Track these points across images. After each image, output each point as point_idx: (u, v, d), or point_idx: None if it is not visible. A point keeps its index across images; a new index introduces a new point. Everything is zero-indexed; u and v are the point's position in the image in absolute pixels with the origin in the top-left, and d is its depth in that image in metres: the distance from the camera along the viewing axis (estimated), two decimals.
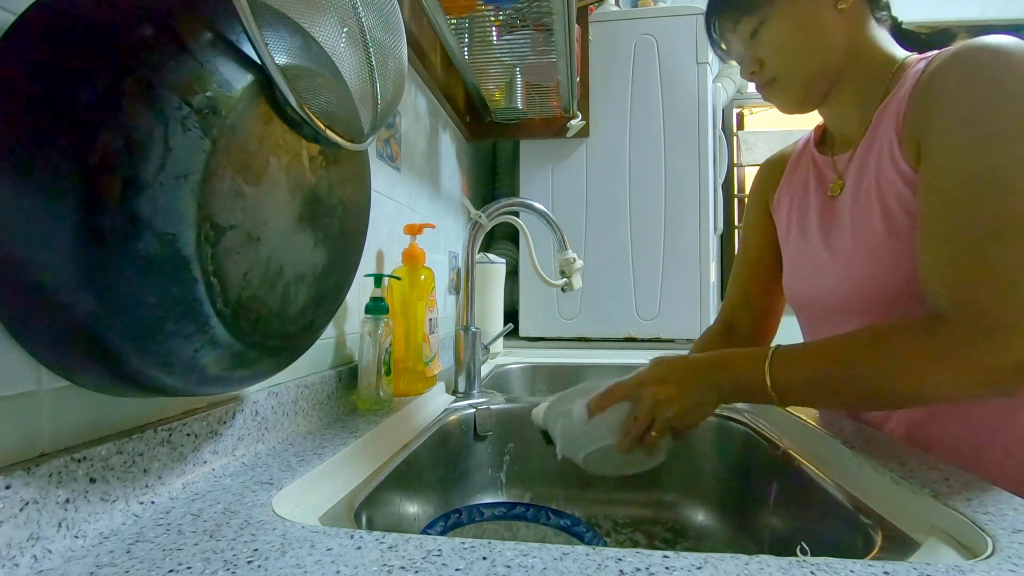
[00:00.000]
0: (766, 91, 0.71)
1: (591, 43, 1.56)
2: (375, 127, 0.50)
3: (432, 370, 0.90)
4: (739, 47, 0.71)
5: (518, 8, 1.06)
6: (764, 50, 0.68)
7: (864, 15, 0.66)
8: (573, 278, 1.04)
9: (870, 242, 0.63)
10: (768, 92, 0.71)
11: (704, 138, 1.56)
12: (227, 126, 0.36)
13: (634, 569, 0.33)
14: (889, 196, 0.61)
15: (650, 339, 1.57)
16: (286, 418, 0.62)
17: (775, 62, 0.68)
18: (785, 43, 0.66)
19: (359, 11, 0.46)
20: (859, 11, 0.66)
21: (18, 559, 0.33)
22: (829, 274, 0.69)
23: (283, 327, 0.44)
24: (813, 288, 0.73)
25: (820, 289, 0.71)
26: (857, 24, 0.66)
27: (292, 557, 0.35)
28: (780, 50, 0.67)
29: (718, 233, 1.93)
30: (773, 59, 0.68)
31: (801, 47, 0.66)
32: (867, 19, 0.66)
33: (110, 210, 0.30)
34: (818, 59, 0.66)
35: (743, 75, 0.72)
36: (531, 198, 1.11)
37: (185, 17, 0.35)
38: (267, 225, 0.40)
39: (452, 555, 0.35)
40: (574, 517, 0.64)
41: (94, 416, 0.40)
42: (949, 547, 0.39)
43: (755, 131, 2.58)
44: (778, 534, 0.63)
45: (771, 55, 0.67)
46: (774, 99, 0.71)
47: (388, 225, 0.96)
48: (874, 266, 0.62)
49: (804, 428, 0.67)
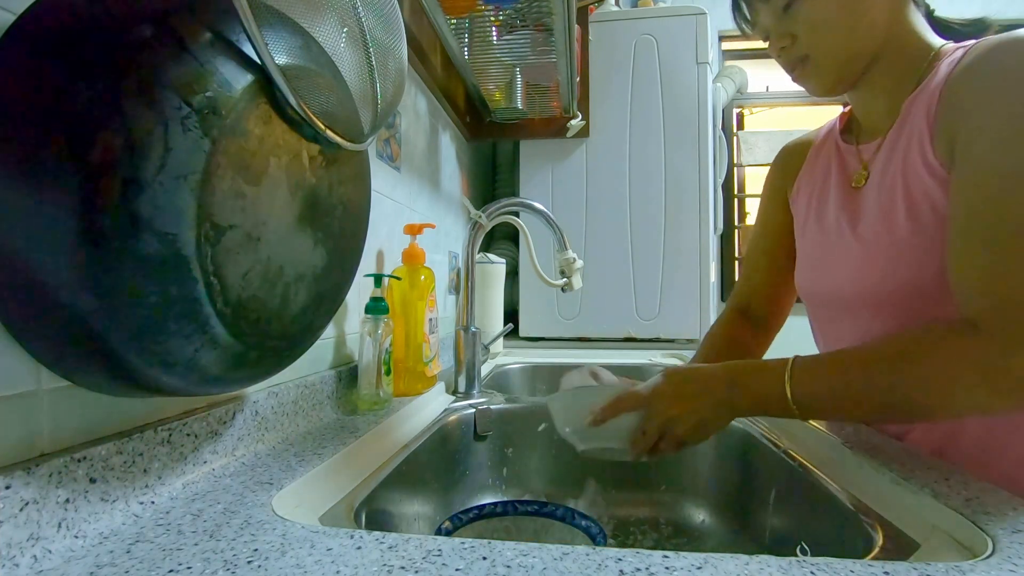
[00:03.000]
0: (796, 70, 0.66)
1: (591, 43, 1.56)
2: (375, 127, 0.50)
3: (432, 370, 0.90)
4: (769, 19, 0.65)
5: (518, 8, 1.06)
6: (799, 24, 0.62)
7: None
8: (573, 278, 1.04)
9: (893, 237, 0.60)
10: (798, 71, 0.66)
11: (704, 138, 1.56)
12: (227, 126, 0.36)
13: (634, 569, 0.33)
14: (916, 191, 0.58)
15: (650, 339, 1.57)
16: (286, 418, 0.62)
17: (810, 38, 0.62)
18: (824, 19, 0.61)
19: (359, 11, 0.46)
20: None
21: (18, 559, 0.33)
22: (845, 268, 0.67)
23: (283, 327, 0.44)
24: (828, 281, 0.70)
25: (835, 283, 0.69)
26: (899, 6, 0.62)
27: (292, 557, 0.35)
28: (817, 26, 0.62)
29: (718, 233, 1.93)
30: (808, 35, 0.62)
31: (841, 24, 0.61)
32: (908, 2, 0.63)
33: (110, 210, 0.30)
34: (858, 39, 0.62)
35: (771, 51, 0.67)
36: (531, 198, 1.11)
37: (185, 17, 0.35)
38: (267, 225, 0.40)
39: (452, 555, 0.35)
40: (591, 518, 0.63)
41: (94, 416, 0.40)
42: (949, 547, 0.39)
43: (755, 131, 2.59)
44: (778, 534, 0.63)
45: (806, 30, 0.62)
46: (804, 79, 0.66)
47: (388, 225, 0.96)
48: (895, 262, 0.60)
49: (804, 428, 0.67)
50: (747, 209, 2.60)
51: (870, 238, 0.63)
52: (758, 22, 0.67)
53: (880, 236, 0.62)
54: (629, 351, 1.49)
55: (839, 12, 0.61)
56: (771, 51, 0.67)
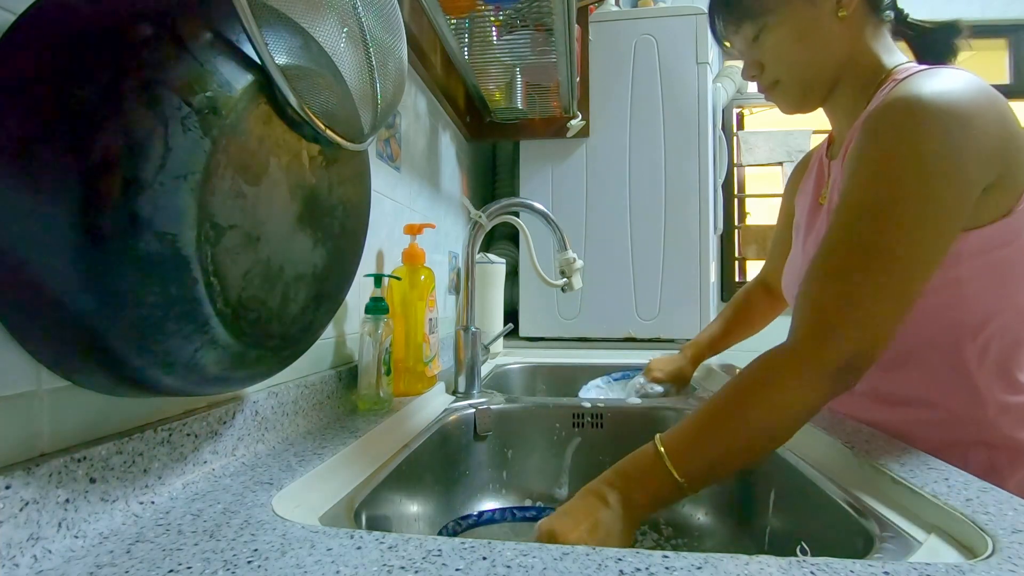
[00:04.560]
0: (768, 93, 0.73)
1: (591, 43, 1.56)
2: (375, 127, 0.50)
3: (432, 370, 0.90)
4: (741, 47, 0.72)
5: (518, 8, 1.06)
6: (765, 55, 0.69)
7: (864, 22, 0.66)
8: (573, 278, 1.04)
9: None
10: (770, 94, 0.73)
11: (704, 138, 1.56)
12: (227, 126, 0.36)
13: (634, 569, 0.33)
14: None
15: (650, 339, 1.57)
16: (286, 418, 0.62)
17: (775, 67, 0.69)
18: (785, 50, 0.68)
19: (359, 11, 0.46)
20: (860, 18, 0.66)
21: (18, 559, 0.33)
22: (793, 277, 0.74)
23: (283, 327, 0.44)
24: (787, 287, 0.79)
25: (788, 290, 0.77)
26: (856, 31, 0.66)
27: (292, 557, 0.35)
28: (780, 56, 0.68)
29: (718, 233, 1.93)
30: (773, 64, 0.69)
31: (801, 54, 0.67)
32: (867, 26, 0.67)
33: (110, 210, 0.30)
34: (817, 66, 0.68)
35: (744, 76, 0.74)
36: (531, 198, 1.11)
37: (185, 17, 0.35)
38: (267, 225, 0.40)
39: (452, 555, 0.35)
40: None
41: (94, 416, 0.40)
42: (949, 547, 0.40)
43: (755, 131, 2.58)
44: (778, 534, 0.63)
45: (772, 60, 0.69)
46: (775, 100, 0.74)
47: (388, 225, 0.96)
48: None
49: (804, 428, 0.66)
50: (747, 209, 2.60)
51: (810, 252, 0.70)
52: (732, 48, 0.74)
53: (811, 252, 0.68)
54: (629, 351, 1.49)
55: (798, 43, 0.67)
56: (744, 77, 0.74)
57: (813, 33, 0.66)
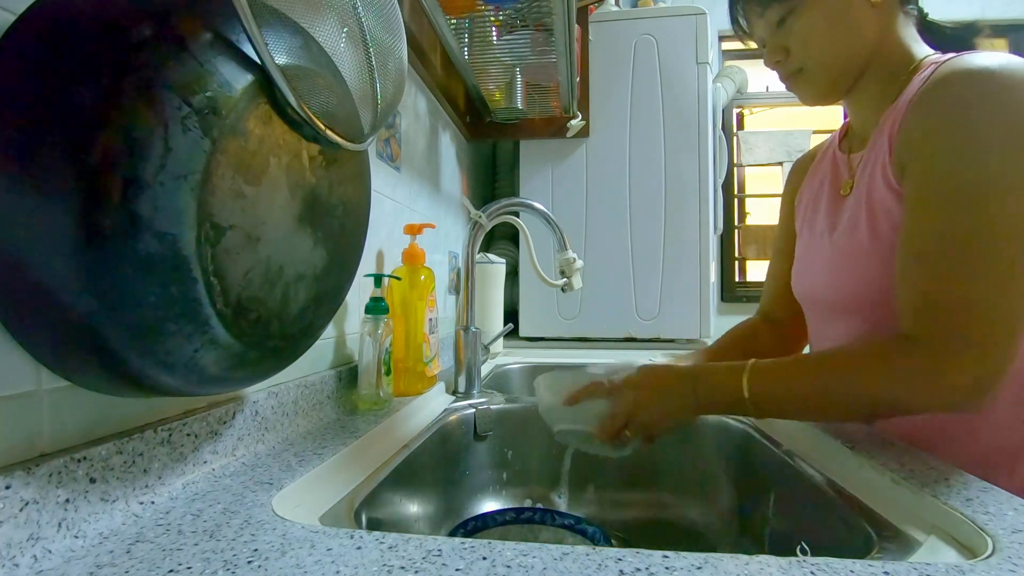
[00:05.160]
0: (791, 81, 0.69)
1: (591, 43, 1.56)
2: (375, 127, 0.50)
3: (432, 370, 0.90)
4: (764, 33, 0.69)
5: (518, 8, 1.06)
6: (792, 40, 0.66)
7: (894, 9, 0.64)
8: (573, 278, 1.04)
9: (856, 247, 0.64)
10: (793, 82, 0.69)
11: (704, 138, 1.56)
12: (227, 126, 0.36)
13: (634, 569, 0.33)
14: (877, 204, 0.61)
15: (650, 339, 1.57)
16: (286, 418, 0.62)
17: (802, 52, 0.66)
18: (815, 35, 0.64)
19: (359, 11, 0.46)
20: (891, 6, 0.64)
21: (18, 559, 0.33)
22: (821, 272, 0.71)
23: (283, 327, 0.44)
24: (812, 285, 0.74)
25: (816, 286, 0.73)
26: (887, 19, 0.64)
27: (292, 557, 0.35)
28: (809, 41, 0.65)
29: (718, 233, 1.93)
30: (800, 49, 0.66)
31: (831, 39, 0.64)
32: (897, 14, 0.65)
33: (110, 210, 0.30)
34: (847, 53, 0.65)
35: (767, 63, 0.70)
36: (531, 198, 1.11)
37: (185, 17, 0.35)
38: (267, 225, 0.40)
39: (452, 555, 0.35)
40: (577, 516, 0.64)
41: (94, 416, 0.40)
42: (949, 547, 0.39)
43: (755, 131, 2.59)
44: (778, 534, 0.63)
45: (799, 45, 0.66)
46: (798, 89, 0.70)
47: (388, 225, 0.96)
48: (861, 269, 0.63)
49: (804, 428, 0.67)
50: (747, 209, 2.60)
51: (840, 245, 0.67)
52: (755, 34, 0.70)
53: (847, 244, 0.66)
54: (629, 351, 1.49)
55: (829, 27, 0.64)
56: (766, 62, 0.70)
57: (844, 18, 0.63)
